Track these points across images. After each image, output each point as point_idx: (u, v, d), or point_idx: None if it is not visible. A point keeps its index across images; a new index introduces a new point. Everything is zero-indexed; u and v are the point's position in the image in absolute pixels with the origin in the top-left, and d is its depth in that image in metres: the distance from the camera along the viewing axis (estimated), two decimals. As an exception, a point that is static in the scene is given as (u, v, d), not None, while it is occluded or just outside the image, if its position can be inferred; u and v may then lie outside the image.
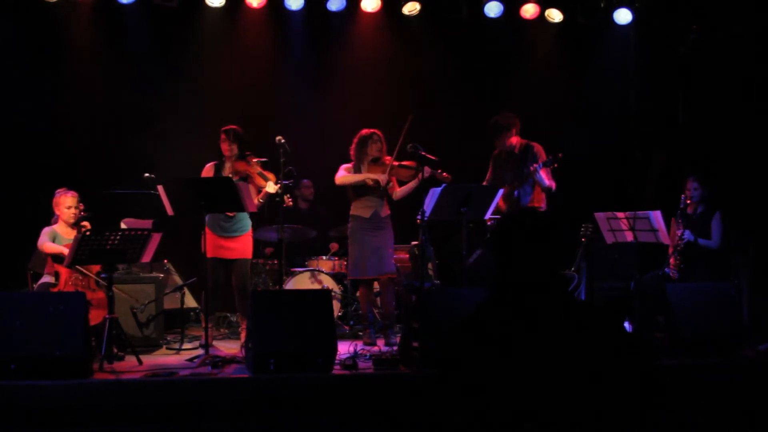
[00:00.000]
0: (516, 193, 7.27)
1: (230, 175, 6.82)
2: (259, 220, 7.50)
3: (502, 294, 2.42)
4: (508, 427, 2.23)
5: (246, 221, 7.03)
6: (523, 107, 7.79)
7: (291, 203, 6.96)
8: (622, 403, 2.26)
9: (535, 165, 7.10)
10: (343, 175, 7.21)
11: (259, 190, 6.87)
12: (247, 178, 6.89)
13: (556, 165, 7.05)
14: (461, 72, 9.74)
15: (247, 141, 7.03)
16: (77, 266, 6.46)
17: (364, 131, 7.25)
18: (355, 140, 7.25)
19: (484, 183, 7.56)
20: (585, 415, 2.23)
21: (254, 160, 6.93)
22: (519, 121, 7.44)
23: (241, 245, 7.00)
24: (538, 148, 7.33)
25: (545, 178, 7.13)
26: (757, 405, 5.52)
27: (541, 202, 7.32)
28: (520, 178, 7.25)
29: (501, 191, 7.06)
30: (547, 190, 7.19)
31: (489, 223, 7.11)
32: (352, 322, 8.17)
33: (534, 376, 2.25)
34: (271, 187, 6.77)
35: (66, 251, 6.39)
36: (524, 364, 2.26)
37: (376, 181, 7.12)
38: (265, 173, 6.86)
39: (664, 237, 7.12)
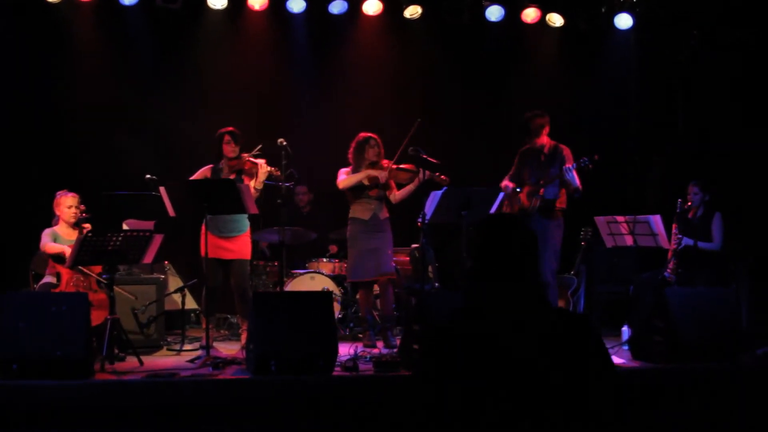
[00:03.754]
0: (542, 192, 7.24)
1: (227, 176, 6.86)
2: (263, 221, 7.52)
3: (476, 299, 2.43)
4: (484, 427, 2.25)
5: (243, 221, 7.02)
6: (524, 111, 7.80)
7: (278, 173, 6.91)
8: (591, 409, 2.28)
9: (569, 165, 7.07)
10: (344, 178, 7.23)
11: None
12: (241, 172, 6.91)
13: (591, 166, 7.03)
14: (462, 76, 9.76)
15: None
16: (79, 267, 6.47)
17: (362, 135, 7.26)
18: (353, 144, 7.26)
19: (507, 177, 7.52)
20: (555, 421, 2.24)
21: (244, 154, 6.96)
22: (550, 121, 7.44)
23: (239, 246, 6.99)
24: (566, 151, 7.27)
25: (576, 179, 7.12)
26: (756, 410, 5.53)
27: (563, 203, 7.28)
28: (547, 177, 7.21)
29: (501, 194, 7.07)
30: (575, 190, 7.15)
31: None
32: (351, 324, 8.19)
33: (508, 382, 2.26)
34: (264, 168, 6.81)
35: (68, 251, 6.41)
36: (499, 370, 2.27)
37: (374, 179, 7.14)
38: (255, 160, 6.90)
39: (663, 241, 7.15)
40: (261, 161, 6.90)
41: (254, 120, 8.36)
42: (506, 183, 7.33)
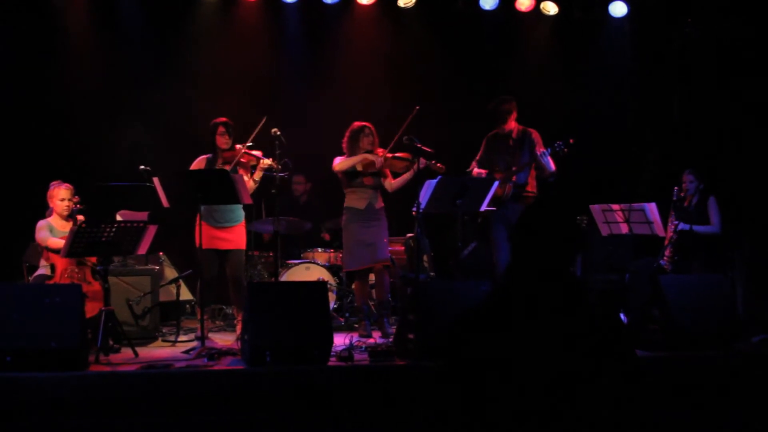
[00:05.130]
0: (514, 178, 7.20)
1: (221, 167, 6.83)
2: (256, 212, 7.50)
3: (512, 284, 2.40)
4: (508, 419, 2.24)
5: (239, 211, 7.00)
6: (518, 100, 7.79)
7: (279, 166, 6.92)
8: (613, 394, 2.27)
9: (540, 149, 7.04)
10: (341, 161, 7.20)
11: (252, 171, 6.87)
12: (237, 165, 6.88)
13: (566, 150, 7.00)
14: (456, 64, 9.74)
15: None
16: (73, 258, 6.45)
17: (356, 124, 7.24)
18: (347, 133, 7.25)
19: (474, 162, 7.46)
20: (581, 405, 2.24)
21: (238, 146, 6.94)
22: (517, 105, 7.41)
23: (235, 236, 6.98)
24: (536, 135, 7.23)
25: (551, 163, 7.08)
26: (752, 397, 5.54)
27: (534, 188, 7.25)
28: (519, 163, 7.15)
29: (496, 183, 7.04)
30: (550, 175, 7.10)
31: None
32: (347, 314, 8.18)
33: (535, 369, 2.25)
34: (264, 162, 6.80)
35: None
36: (526, 357, 2.26)
37: (371, 163, 7.11)
38: (253, 152, 6.87)
39: (659, 229, 7.13)
40: (259, 153, 6.88)
41: (248, 110, 8.29)
42: (478, 171, 7.30)
